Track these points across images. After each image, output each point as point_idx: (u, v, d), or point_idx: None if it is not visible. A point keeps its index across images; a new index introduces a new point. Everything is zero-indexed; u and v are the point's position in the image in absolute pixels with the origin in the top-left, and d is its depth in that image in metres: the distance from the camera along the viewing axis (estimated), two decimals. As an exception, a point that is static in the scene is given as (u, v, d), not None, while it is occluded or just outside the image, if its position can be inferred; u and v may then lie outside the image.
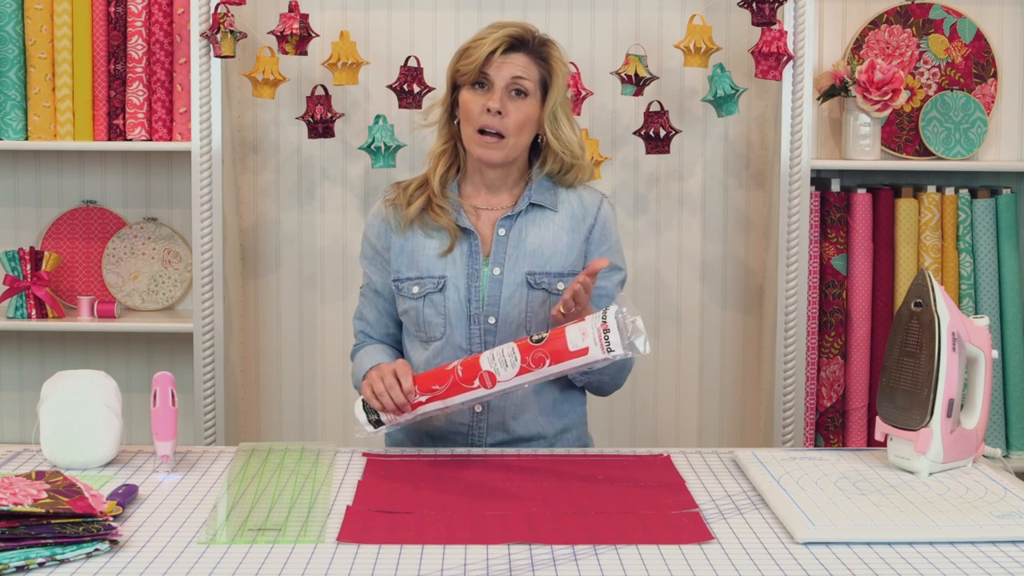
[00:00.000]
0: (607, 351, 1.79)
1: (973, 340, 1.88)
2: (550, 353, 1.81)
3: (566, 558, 1.48)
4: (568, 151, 2.11)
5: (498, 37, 2.06)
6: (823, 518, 1.61)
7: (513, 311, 2.06)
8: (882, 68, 2.91)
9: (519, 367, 1.82)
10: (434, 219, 2.11)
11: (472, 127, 2.07)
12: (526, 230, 2.10)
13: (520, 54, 2.07)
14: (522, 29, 2.09)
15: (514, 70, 2.06)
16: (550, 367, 1.82)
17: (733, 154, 3.12)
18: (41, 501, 1.50)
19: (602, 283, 2.12)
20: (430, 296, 2.09)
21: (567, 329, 1.82)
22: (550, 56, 2.10)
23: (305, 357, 3.16)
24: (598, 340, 1.78)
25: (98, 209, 3.13)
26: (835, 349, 3.01)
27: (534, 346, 1.82)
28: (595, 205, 2.14)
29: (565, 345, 1.81)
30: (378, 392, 1.90)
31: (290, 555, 1.50)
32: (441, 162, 2.15)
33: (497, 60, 2.06)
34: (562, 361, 1.81)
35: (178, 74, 2.93)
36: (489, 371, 1.84)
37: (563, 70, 2.11)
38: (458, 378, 1.86)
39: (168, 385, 1.89)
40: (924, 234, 2.99)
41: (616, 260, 2.14)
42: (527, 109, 2.07)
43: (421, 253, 2.11)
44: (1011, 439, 3.04)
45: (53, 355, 3.17)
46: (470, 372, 1.85)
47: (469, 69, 2.06)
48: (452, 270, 2.09)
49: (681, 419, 3.18)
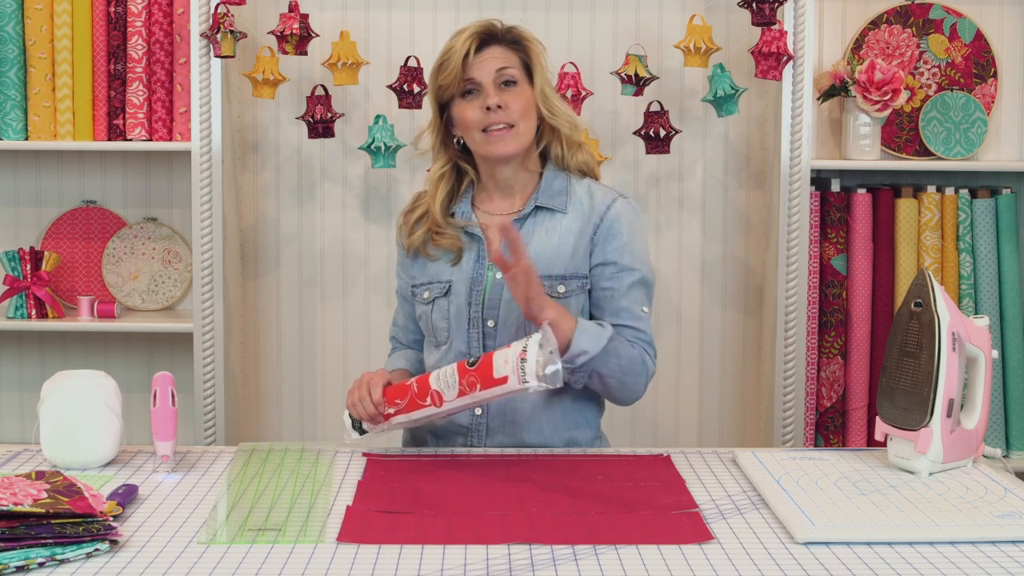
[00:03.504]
0: (522, 382, 1.76)
1: (973, 340, 1.88)
2: (480, 379, 1.80)
3: (566, 558, 1.48)
4: (568, 123, 2.10)
5: (466, 39, 2.04)
6: (823, 518, 1.61)
7: (512, 315, 2.04)
8: (882, 68, 2.91)
9: (458, 389, 1.82)
10: (437, 244, 2.11)
11: (476, 131, 2.05)
12: (532, 233, 2.07)
13: (493, 47, 2.06)
14: (486, 23, 2.08)
15: (495, 63, 2.05)
16: (480, 392, 1.81)
17: (733, 154, 3.12)
18: (41, 501, 1.50)
19: (611, 284, 2.05)
20: (437, 300, 2.10)
21: (495, 354, 1.80)
22: (522, 38, 2.08)
23: (305, 357, 3.16)
24: (516, 369, 1.76)
25: (98, 209, 3.13)
26: (835, 349, 3.01)
27: (469, 370, 1.81)
28: (605, 204, 2.08)
29: (491, 372, 1.79)
30: (352, 403, 1.96)
31: (290, 555, 1.50)
32: (440, 188, 2.12)
33: (474, 61, 2.04)
34: (489, 387, 1.79)
35: (178, 74, 2.93)
36: (437, 390, 1.85)
37: (539, 47, 2.09)
38: (414, 394, 1.88)
39: (168, 385, 1.89)
40: (924, 234, 2.99)
41: (626, 260, 2.05)
42: (523, 95, 2.05)
43: (433, 260, 2.12)
44: (1011, 439, 3.04)
45: (53, 355, 3.17)
46: (423, 390, 1.87)
47: (450, 80, 2.04)
48: (459, 275, 2.09)
49: (681, 419, 3.18)
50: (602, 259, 2.06)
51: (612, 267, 2.05)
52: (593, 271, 2.07)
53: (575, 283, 2.05)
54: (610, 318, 2.04)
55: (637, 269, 2.06)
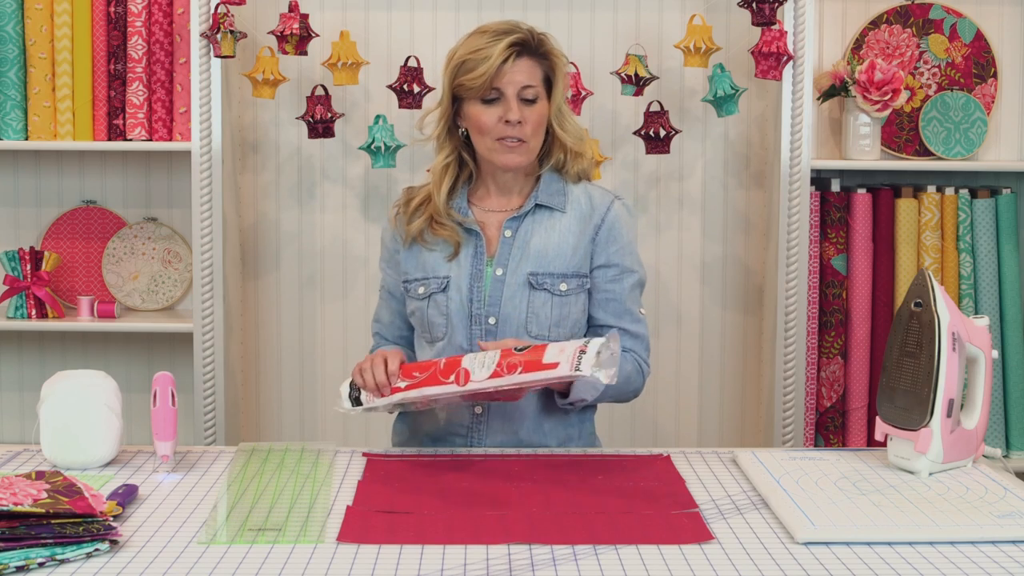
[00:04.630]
0: (575, 369, 1.79)
1: (973, 340, 1.88)
2: (524, 362, 1.82)
3: (566, 558, 1.48)
4: (576, 140, 2.12)
5: (504, 48, 2.02)
6: (823, 518, 1.61)
7: (514, 312, 2.06)
8: (882, 68, 2.91)
9: (493, 370, 1.83)
10: (436, 233, 2.12)
11: (490, 138, 2.06)
12: (532, 231, 2.10)
13: (524, 59, 2.05)
14: (522, 32, 2.06)
15: (523, 79, 2.04)
16: (521, 375, 1.82)
17: (733, 154, 3.12)
18: (41, 501, 1.50)
19: (611, 286, 2.10)
20: (434, 296, 2.10)
21: (549, 345, 1.84)
22: (550, 53, 2.09)
23: (305, 357, 3.16)
24: (571, 359, 1.79)
25: (98, 209, 3.13)
26: (835, 349, 3.01)
27: (513, 353, 1.83)
28: (604, 206, 2.12)
29: (541, 357, 1.82)
30: (363, 368, 1.94)
31: (290, 555, 1.50)
32: (445, 178, 2.13)
33: (506, 71, 2.03)
34: (532, 371, 1.81)
35: (178, 74, 2.93)
36: (466, 369, 1.85)
37: (563, 62, 2.11)
38: (438, 370, 1.88)
39: (168, 385, 1.89)
40: (924, 234, 2.99)
41: (627, 262, 2.12)
42: (540, 111, 2.07)
43: (428, 255, 2.12)
44: (1011, 439, 3.04)
45: (53, 355, 3.17)
46: (450, 367, 1.87)
47: (476, 84, 2.03)
48: (456, 271, 2.09)
49: (681, 419, 3.18)
50: (604, 261, 2.10)
51: (614, 269, 2.11)
52: (594, 272, 2.11)
53: (576, 282, 2.09)
54: (613, 320, 2.11)
55: (636, 271, 2.14)
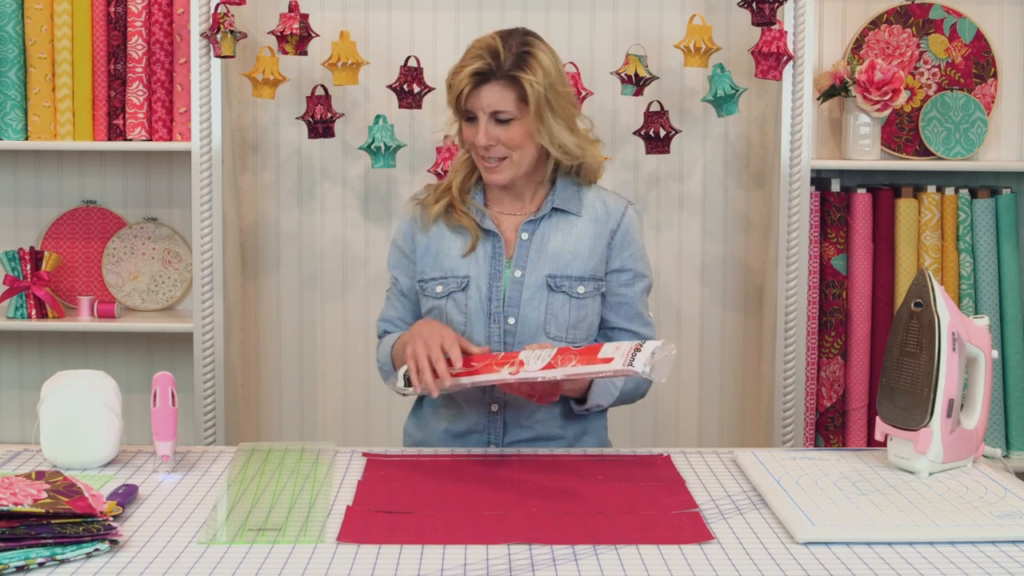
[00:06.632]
0: (628, 364, 1.81)
1: (973, 340, 1.88)
2: (578, 355, 1.85)
3: (566, 558, 1.49)
4: (567, 155, 2.09)
5: (464, 76, 2.01)
6: (823, 518, 1.61)
7: (532, 312, 2.09)
8: (882, 68, 2.91)
9: (547, 362, 1.86)
10: (457, 219, 2.13)
11: (475, 154, 2.09)
12: (549, 234, 2.12)
13: (491, 84, 2.02)
14: (486, 60, 2.01)
15: (490, 104, 2.02)
16: (575, 367, 1.84)
17: (733, 154, 3.12)
18: (41, 501, 1.50)
19: (625, 290, 2.15)
20: (454, 295, 2.11)
21: (605, 344, 1.88)
22: (521, 79, 2.01)
23: (305, 357, 3.16)
24: (626, 355, 1.82)
25: (98, 209, 3.13)
26: (835, 349, 3.01)
27: (571, 350, 1.87)
28: (619, 211, 2.15)
29: (596, 351, 1.85)
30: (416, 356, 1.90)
31: (290, 555, 1.50)
32: (461, 172, 2.16)
33: (471, 96, 2.03)
34: (586, 364, 1.84)
35: (178, 74, 2.93)
36: (521, 360, 1.88)
37: (537, 85, 2.01)
38: (496, 360, 1.90)
39: (168, 385, 1.89)
40: (924, 234, 2.99)
41: (639, 267, 2.16)
42: (517, 130, 2.04)
43: (445, 254, 2.13)
44: (1011, 439, 3.04)
45: (53, 355, 3.17)
46: (507, 357, 1.90)
47: (454, 105, 2.06)
48: (475, 270, 2.11)
49: (681, 419, 3.18)
50: (619, 265, 2.15)
51: (628, 274, 2.15)
52: (608, 276, 2.15)
53: (592, 285, 2.12)
54: (624, 323, 2.16)
55: (647, 275, 2.19)
